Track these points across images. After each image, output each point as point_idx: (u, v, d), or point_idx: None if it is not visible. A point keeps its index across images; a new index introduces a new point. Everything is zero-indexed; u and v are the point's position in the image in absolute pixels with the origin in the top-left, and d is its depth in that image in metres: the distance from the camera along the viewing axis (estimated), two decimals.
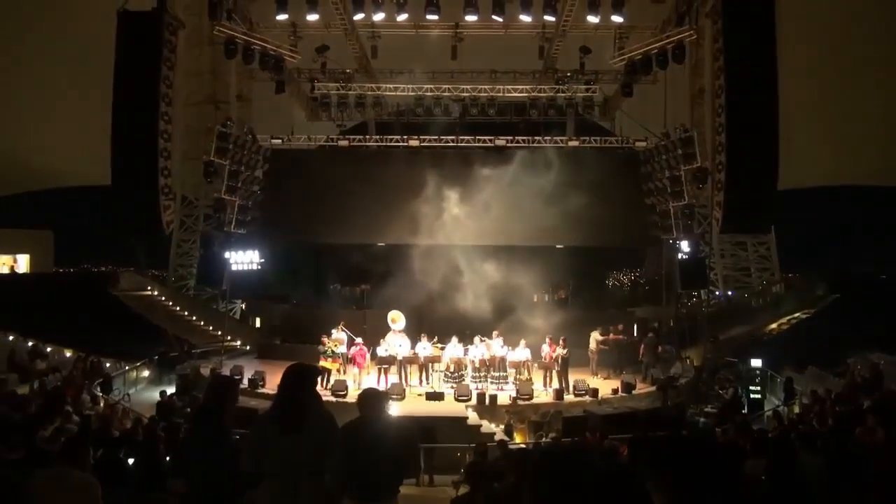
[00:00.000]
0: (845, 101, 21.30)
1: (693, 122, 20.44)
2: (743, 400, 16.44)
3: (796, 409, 14.70)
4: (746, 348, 19.78)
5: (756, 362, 17.75)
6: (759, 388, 16.92)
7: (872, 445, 5.89)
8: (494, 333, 16.46)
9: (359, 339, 16.79)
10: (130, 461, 7.61)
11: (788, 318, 20.65)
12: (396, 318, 17.28)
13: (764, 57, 15.73)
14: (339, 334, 16.75)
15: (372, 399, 4.18)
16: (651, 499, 1.89)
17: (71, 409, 10.74)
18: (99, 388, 15.75)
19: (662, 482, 1.88)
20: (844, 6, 19.72)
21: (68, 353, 19.40)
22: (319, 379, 15.07)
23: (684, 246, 19.38)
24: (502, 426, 13.88)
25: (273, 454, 3.61)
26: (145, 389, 18.66)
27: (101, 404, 14.05)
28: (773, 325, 21.07)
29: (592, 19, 18.33)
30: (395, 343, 16.33)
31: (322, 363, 15.93)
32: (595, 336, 17.86)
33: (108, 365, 19.21)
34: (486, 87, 21.30)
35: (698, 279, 19.51)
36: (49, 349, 18.79)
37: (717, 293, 24.69)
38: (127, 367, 19.36)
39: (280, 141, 21.58)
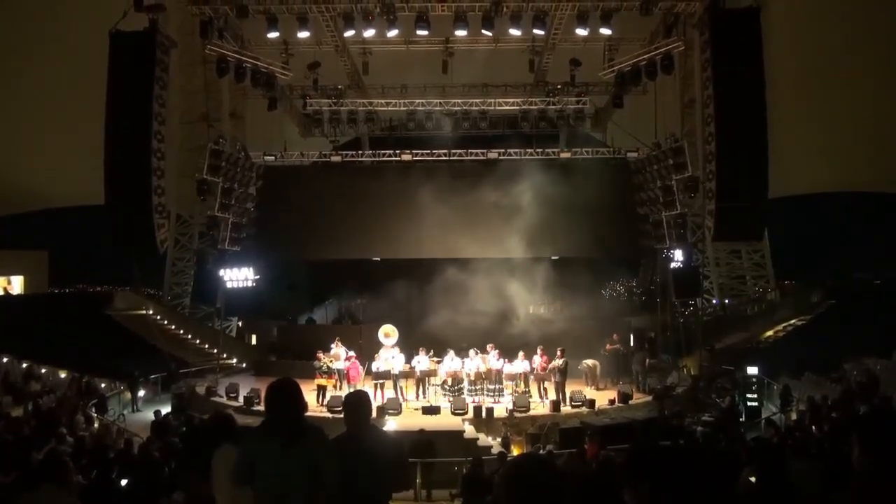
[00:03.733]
0: (835, 108, 21.42)
1: (683, 131, 20.56)
2: (740, 408, 16.44)
3: (793, 416, 14.72)
4: (743, 356, 19.79)
5: (753, 370, 17.81)
6: (756, 395, 16.94)
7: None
8: (489, 346, 16.42)
9: (351, 353, 16.78)
10: (124, 482, 7.55)
11: (784, 324, 20.71)
12: (390, 333, 17.25)
13: (751, 66, 15.82)
14: (336, 350, 16.72)
15: (356, 406, 4.13)
16: None
17: (65, 431, 10.68)
18: (94, 409, 15.67)
19: (639, 492, 1.89)
20: (832, 14, 19.89)
21: (63, 374, 19.32)
22: (315, 395, 15.17)
23: (678, 255, 19.45)
24: (499, 439, 13.86)
25: (268, 469, 3.60)
26: (142, 409, 18.55)
27: (96, 425, 13.98)
28: (769, 333, 21.10)
29: (581, 32, 18.46)
30: (388, 357, 16.28)
31: (318, 380, 15.92)
32: (588, 363, 17.78)
33: (103, 385, 19.14)
34: (477, 100, 21.40)
35: (692, 288, 19.60)
36: (44, 370, 18.72)
37: (713, 301, 24.72)
38: (122, 387, 19.27)
39: (273, 157, 21.66)
